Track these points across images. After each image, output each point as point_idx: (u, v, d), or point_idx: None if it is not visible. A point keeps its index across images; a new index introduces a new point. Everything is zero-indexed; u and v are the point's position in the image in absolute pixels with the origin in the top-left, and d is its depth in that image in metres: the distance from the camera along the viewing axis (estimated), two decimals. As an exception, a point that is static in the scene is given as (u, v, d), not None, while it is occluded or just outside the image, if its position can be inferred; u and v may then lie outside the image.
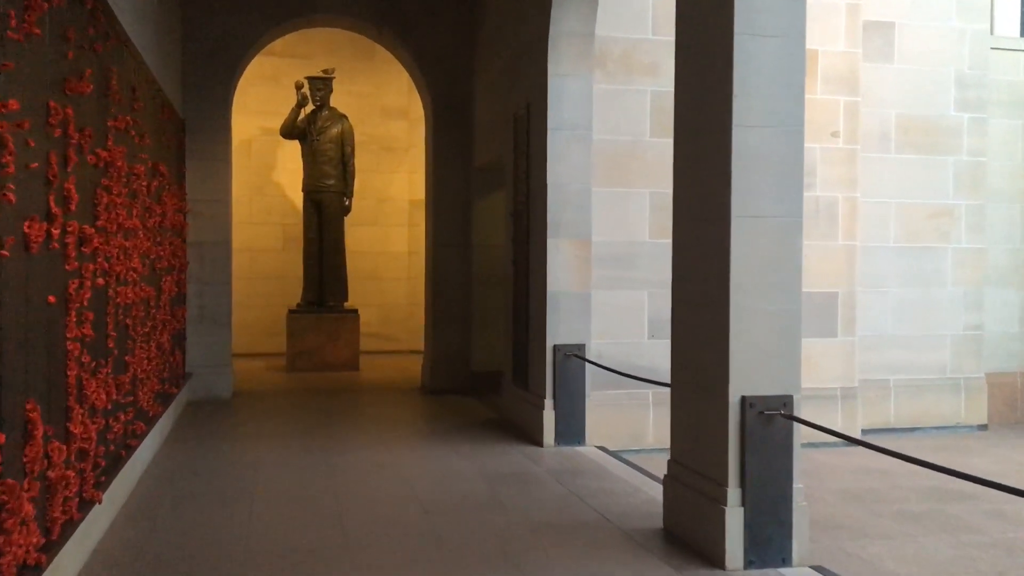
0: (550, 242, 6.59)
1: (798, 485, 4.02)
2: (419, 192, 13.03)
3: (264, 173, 12.84)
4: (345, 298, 11.43)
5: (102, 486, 4.28)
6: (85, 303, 3.96)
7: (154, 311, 6.20)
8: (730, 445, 3.94)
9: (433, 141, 9.38)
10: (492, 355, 9.17)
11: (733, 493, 3.91)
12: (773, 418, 3.93)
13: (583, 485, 5.44)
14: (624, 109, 7.06)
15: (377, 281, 13.24)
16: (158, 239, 6.41)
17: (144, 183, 5.66)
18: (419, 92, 9.84)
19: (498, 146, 8.22)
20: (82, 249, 3.95)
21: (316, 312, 11.10)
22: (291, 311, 11.08)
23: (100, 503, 4.08)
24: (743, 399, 3.92)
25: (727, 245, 3.96)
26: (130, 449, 5.16)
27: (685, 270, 4.49)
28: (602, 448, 6.59)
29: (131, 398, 5.27)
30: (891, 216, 8.09)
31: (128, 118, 5.09)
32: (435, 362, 9.32)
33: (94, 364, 4.13)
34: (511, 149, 7.45)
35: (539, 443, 6.58)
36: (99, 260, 4.30)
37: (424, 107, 9.77)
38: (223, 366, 8.73)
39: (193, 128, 8.55)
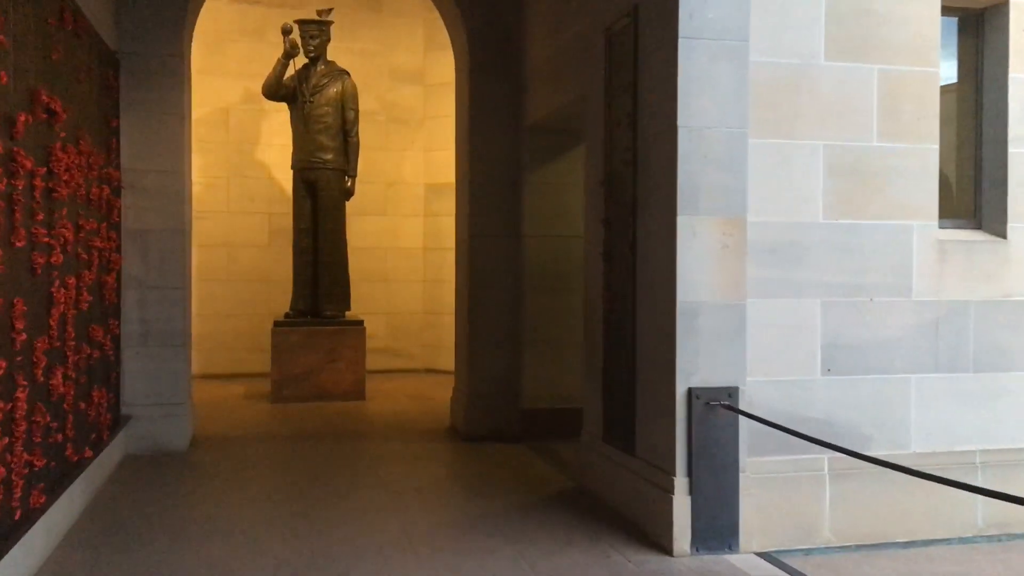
0: (681, 222, 4.06)
1: None
2: (438, 174, 10.51)
3: (245, 150, 10.30)
4: (347, 306, 8.89)
5: None
6: None
7: (31, 335, 3.67)
8: None
9: (470, 93, 6.83)
10: (551, 387, 6.64)
11: None
12: None
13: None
14: (785, 15, 4.51)
15: (385, 284, 10.71)
16: (41, 218, 3.88)
17: (-12, 110, 3.14)
18: (449, 28, 7.29)
19: (569, 88, 5.70)
20: None
21: (309, 324, 8.56)
22: (277, 323, 8.53)
23: None
24: None
25: None
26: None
27: None
28: (770, 559, 4.06)
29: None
30: None
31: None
32: (472, 396, 6.77)
33: None
34: (599, 86, 4.92)
35: (665, 548, 4.05)
36: None
37: (456, 50, 7.23)
38: (177, 404, 6.18)
39: (133, 70, 6.01)
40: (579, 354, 6.47)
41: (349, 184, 8.79)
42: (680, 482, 4.03)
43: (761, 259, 4.42)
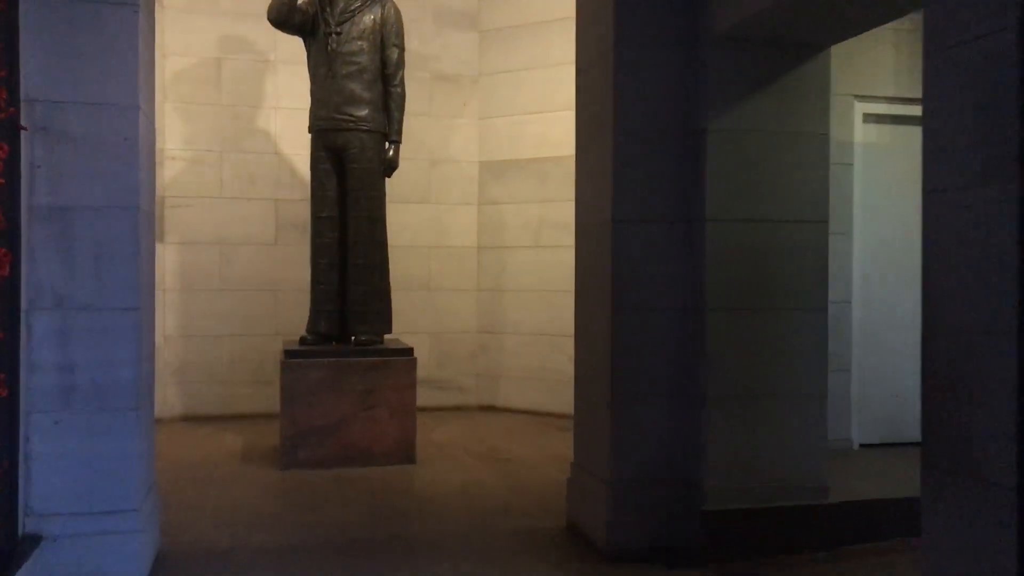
0: None
1: None
2: (497, 148, 7.97)
3: (244, 115, 7.67)
4: (387, 327, 6.24)
5: None
6: None
7: None
8: None
9: (611, -14, 4.19)
10: (753, 472, 4.01)
11: None
12: None
13: None
14: None
15: (428, 294, 8.09)
16: None
17: None
18: None
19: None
20: None
21: (336, 355, 5.91)
22: (290, 353, 5.88)
23: None
24: None
25: None
26: None
27: None
28: None
29: None
30: None
31: None
32: (617, 484, 4.13)
33: None
34: None
35: None
36: None
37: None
38: (125, 512, 3.53)
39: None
40: (807, 417, 3.89)
41: (391, 153, 6.16)
42: None
43: None
